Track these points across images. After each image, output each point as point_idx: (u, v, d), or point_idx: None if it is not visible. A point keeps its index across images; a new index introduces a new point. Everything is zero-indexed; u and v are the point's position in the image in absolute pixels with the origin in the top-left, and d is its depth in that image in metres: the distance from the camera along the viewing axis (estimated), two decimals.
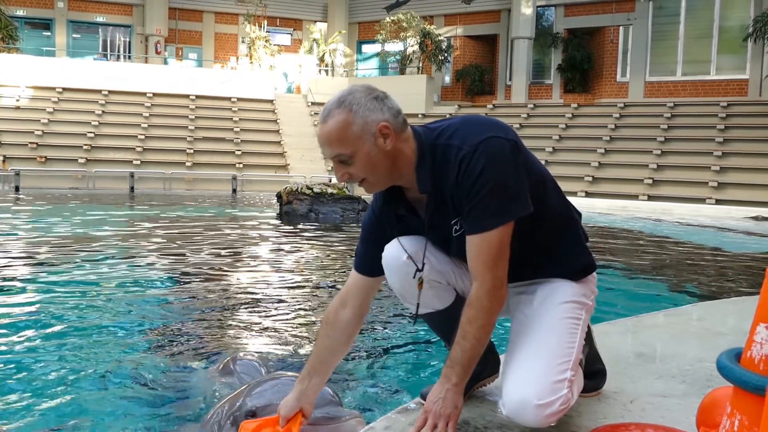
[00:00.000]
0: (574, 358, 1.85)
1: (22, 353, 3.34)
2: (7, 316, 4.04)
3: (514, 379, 1.81)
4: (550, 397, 1.75)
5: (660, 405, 2.14)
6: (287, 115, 22.55)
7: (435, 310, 2.02)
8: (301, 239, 8.91)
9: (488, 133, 1.77)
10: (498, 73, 24.91)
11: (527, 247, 1.87)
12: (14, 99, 20.53)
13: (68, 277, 5.48)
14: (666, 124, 18.97)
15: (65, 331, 3.82)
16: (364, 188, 1.84)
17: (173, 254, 7.04)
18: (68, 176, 17.90)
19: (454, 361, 1.82)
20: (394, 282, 1.97)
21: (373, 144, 1.76)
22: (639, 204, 15.17)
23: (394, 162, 1.80)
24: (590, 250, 2.03)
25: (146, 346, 3.57)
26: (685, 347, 2.89)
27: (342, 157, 1.77)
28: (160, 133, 20.51)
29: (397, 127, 1.79)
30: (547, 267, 1.96)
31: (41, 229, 8.89)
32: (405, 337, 3.73)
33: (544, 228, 1.90)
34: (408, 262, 1.92)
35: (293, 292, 5.23)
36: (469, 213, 1.77)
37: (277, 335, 3.86)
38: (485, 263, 1.77)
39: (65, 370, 3.11)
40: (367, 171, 1.79)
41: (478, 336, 1.80)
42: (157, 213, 11.97)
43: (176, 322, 4.12)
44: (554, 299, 1.91)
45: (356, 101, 1.76)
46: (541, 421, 1.77)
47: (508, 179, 1.75)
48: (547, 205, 1.90)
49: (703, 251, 8.89)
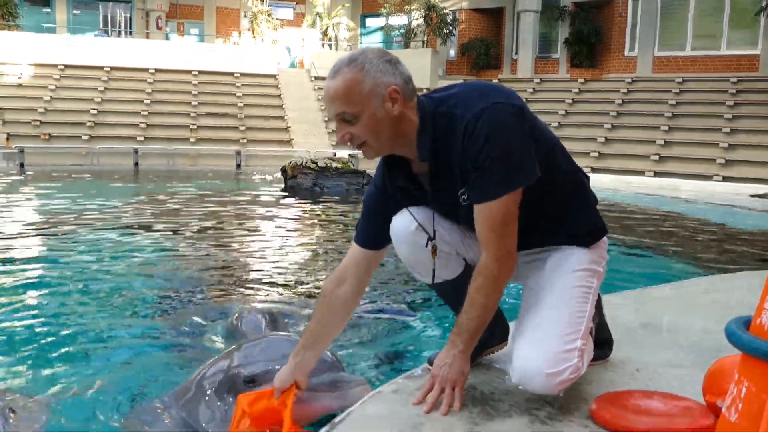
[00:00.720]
0: (585, 327, 1.84)
1: (33, 319, 3.37)
2: (21, 287, 4.06)
3: (525, 348, 1.80)
4: (560, 366, 1.75)
5: (667, 374, 2.14)
6: (290, 90, 22.42)
7: (444, 280, 2.00)
8: (305, 213, 8.91)
9: (492, 100, 1.73)
10: (504, 47, 24.65)
11: (536, 213, 1.85)
12: (16, 77, 20.43)
13: (77, 248, 5.53)
14: (674, 100, 18.79)
15: (75, 296, 3.86)
16: (363, 152, 1.81)
17: (179, 227, 7.04)
18: (72, 153, 17.86)
19: (461, 328, 1.81)
20: (403, 252, 1.95)
21: (381, 107, 1.73)
22: (645, 180, 15.09)
23: (398, 128, 1.77)
24: (599, 214, 2.00)
25: (152, 310, 3.60)
26: (692, 319, 2.88)
27: (346, 116, 1.74)
28: (163, 109, 20.43)
29: (407, 93, 1.77)
30: (557, 233, 1.94)
31: (48, 204, 8.91)
32: (411, 304, 3.73)
33: (553, 194, 1.88)
34: (418, 232, 1.90)
35: (297, 262, 5.25)
36: (475, 182, 1.75)
37: (279, 298, 3.90)
38: (493, 232, 1.75)
39: (77, 333, 3.16)
40: (370, 134, 1.76)
41: (486, 304, 1.79)
42: (162, 188, 11.98)
43: (182, 287, 4.17)
44: (565, 267, 1.90)
45: (368, 61, 1.73)
46: (550, 389, 1.77)
47: (514, 147, 1.72)
48: (556, 171, 1.87)
49: (709, 227, 8.86)
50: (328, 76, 1.76)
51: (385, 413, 1.77)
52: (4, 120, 18.58)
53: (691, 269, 5.47)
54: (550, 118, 18.32)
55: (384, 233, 1.94)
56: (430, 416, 1.73)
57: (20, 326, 3.25)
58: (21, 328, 3.23)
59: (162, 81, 21.71)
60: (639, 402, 1.80)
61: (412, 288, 4.20)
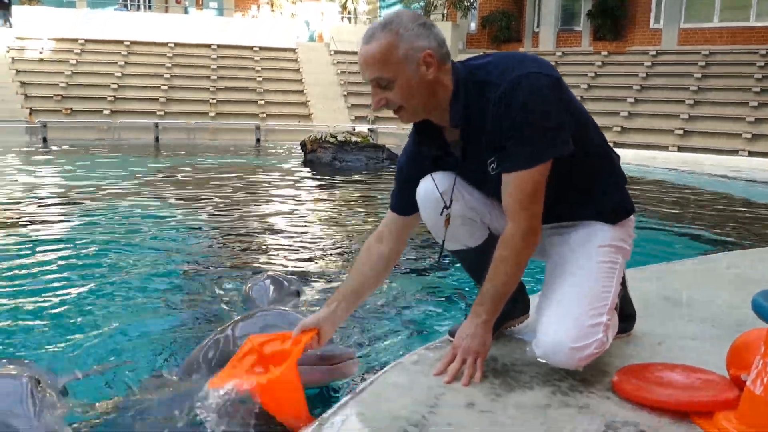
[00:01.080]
0: (610, 302, 1.83)
1: (53, 292, 3.42)
2: (42, 260, 4.12)
3: (550, 321, 1.79)
4: (585, 341, 1.74)
5: (689, 347, 2.13)
6: (310, 64, 22.31)
7: (467, 247, 2.00)
8: (325, 187, 8.93)
9: (528, 69, 1.71)
10: (525, 20, 24.27)
11: (564, 186, 1.84)
12: (38, 51, 20.55)
13: (99, 221, 5.60)
14: (700, 73, 18.41)
15: (95, 269, 3.92)
16: (399, 117, 1.81)
17: (198, 201, 7.09)
18: (94, 127, 18.00)
19: (484, 298, 1.81)
20: (426, 217, 1.97)
21: (416, 71, 1.73)
22: (669, 155, 14.87)
23: (433, 92, 1.77)
24: (628, 192, 1.98)
25: (171, 281, 3.65)
26: (715, 293, 2.85)
27: (381, 81, 1.74)
28: (183, 84, 20.47)
29: (441, 57, 1.76)
30: (585, 206, 1.92)
31: (71, 178, 9.01)
32: (432, 279, 3.74)
33: (582, 167, 1.86)
34: (442, 199, 1.91)
35: (314, 235, 5.27)
36: (507, 151, 1.74)
37: (295, 269, 3.94)
38: (521, 202, 1.74)
39: (96, 304, 3.22)
40: (405, 98, 1.75)
41: (509, 274, 1.78)
42: (182, 162, 12.04)
43: (201, 260, 4.22)
44: (592, 242, 1.89)
45: (403, 25, 1.73)
46: (574, 363, 1.77)
47: (549, 118, 1.70)
48: (588, 144, 1.86)
49: (733, 202, 8.73)
50: (363, 40, 1.75)
51: (406, 383, 1.78)
52: (26, 95, 18.74)
53: (714, 244, 5.42)
54: (572, 91, 18.05)
55: (414, 201, 1.96)
56: (450, 387, 1.74)
57: (40, 298, 3.30)
58: (41, 300, 3.28)
59: (181, 55, 21.72)
60: (661, 374, 1.79)
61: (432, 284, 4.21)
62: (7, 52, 20.11)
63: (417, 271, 3.98)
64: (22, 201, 6.85)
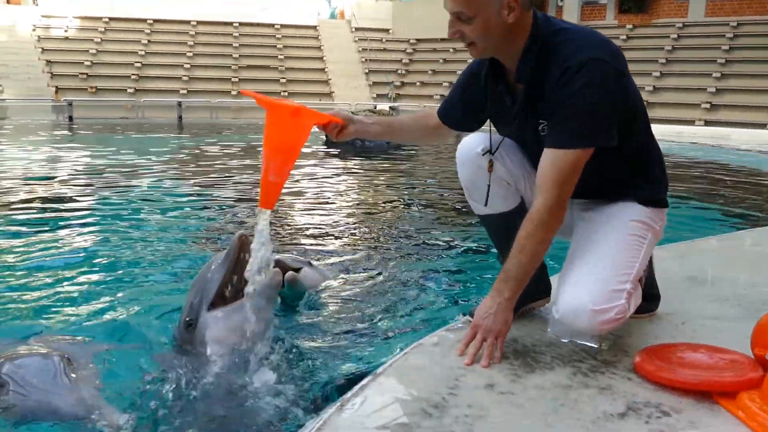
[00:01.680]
0: (635, 272, 1.84)
1: (77, 268, 3.48)
2: (63, 237, 4.20)
3: (573, 283, 1.80)
4: (607, 304, 1.75)
5: (712, 327, 2.12)
6: (331, 42, 22.22)
7: (497, 212, 2.03)
8: (346, 166, 8.93)
9: (601, 54, 1.73)
10: None
11: (600, 169, 1.85)
12: (62, 30, 20.73)
13: (125, 198, 5.67)
14: (728, 45, 18.01)
15: (121, 243, 3.98)
16: (469, 50, 1.84)
17: (221, 180, 7.15)
18: (118, 106, 18.17)
19: (508, 275, 1.81)
20: (463, 173, 2.03)
21: (497, 12, 1.74)
22: (695, 129, 14.65)
23: (508, 37, 1.79)
24: (665, 190, 1.99)
25: (192, 259, 3.69)
26: (738, 271, 2.83)
27: (462, 15, 1.76)
28: (205, 62, 20.52)
29: (524, 3, 1.77)
30: (618, 192, 1.95)
31: (96, 156, 9.12)
32: (453, 261, 3.74)
33: (621, 158, 1.88)
34: (480, 155, 1.97)
35: (335, 214, 5.28)
36: (555, 125, 1.76)
37: (315, 247, 3.97)
38: (556, 180, 1.75)
39: (121, 280, 3.28)
40: (481, 36, 1.78)
41: (536, 251, 1.79)
42: (205, 141, 12.11)
43: (222, 236, 4.25)
44: (622, 216, 1.91)
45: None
46: (594, 327, 1.77)
47: (603, 108, 1.73)
48: (632, 137, 1.87)
49: (760, 177, 8.58)
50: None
51: (426, 365, 1.79)
52: (52, 73, 18.93)
53: (740, 220, 5.34)
54: None
55: (452, 115, 2.13)
56: (471, 368, 1.75)
57: (66, 274, 3.36)
58: (66, 276, 3.33)
59: (203, 33, 21.76)
60: (684, 355, 1.78)
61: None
62: (33, 31, 20.31)
63: (438, 251, 3.98)
64: (48, 178, 6.96)
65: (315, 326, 2.57)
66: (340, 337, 2.45)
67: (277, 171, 2.00)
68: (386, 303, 2.85)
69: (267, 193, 2.05)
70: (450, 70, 20.65)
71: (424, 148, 10.76)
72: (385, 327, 2.57)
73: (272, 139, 1.99)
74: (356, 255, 3.81)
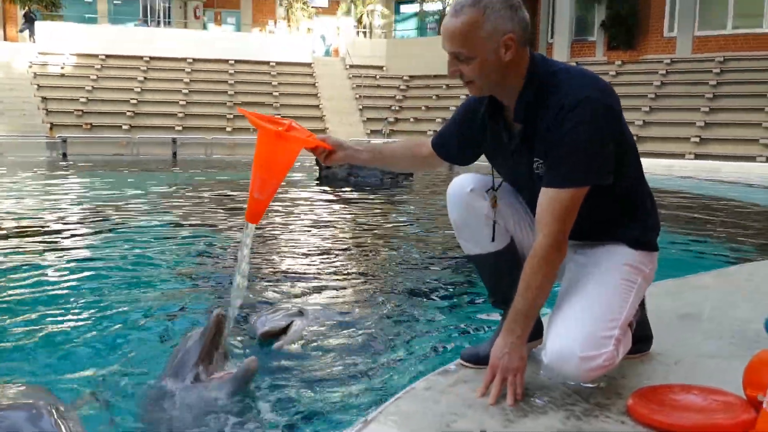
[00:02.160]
0: (624, 318, 1.83)
1: (66, 305, 3.45)
2: (59, 277, 4.17)
3: (560, 329, 1.80)
4: (595, 351, 1.74)
5: (706, 366, 2.11)
6: (325, 79, 22.45)
7: (487, 252, 2.03)
8: (339, 203, 8.94)
9: (594, 93, 1.76)
10: (539, 31, 24.26)
11: (591, 214, 1.86)
12: (59, 66, 20.89)
13: (117, 235, 5.65)
14: (715, 80, 18.30)
15: (110, 282, 3.95)
16: (468, 89, 1.87)
17: (213, 215, 7.14)
18: (113, 142, 18.23)
19: (517, 313, 1.82)
20: (454, 213, 2.04)
21: (495, 51, 1.77)
22: (685, 163, 14.77)
23: (506, 75, 1.81)
24: (655, 234, 2.00)
25: (182, 298, 3.66)
26: (732, 308, 2.82)
27: (460, 55, 1.79)
28: (201, 99, 20.68)
29: (521, 41, 1.80)
30: (608, 233, 1.96)
31: (87, 193, 9.11)
32: (445, 300, 3.73)
33: (608, 196, 1.89)
34: (472, 194, 1.98)
35: (328, 251, 5.26)
36: (551, 165, 1.78)
37: (307, 284, 3.93)
38: (555, 217, 1.77)
39: (102, 311, 3.25)
40: (479, 75, 1.80)
41: (542, 286, 1.80)
42: (199, 177, 12.14)
43: (213, 276, 4.22)
44: (611, 260, 1.91)
45: (491, 4, 1.75)
46: (581, 375, 1.76)
47: (598, 145, 1.75)
48: (623, 176, 1.88)
49: (750, 211, 8.63)
50: (449, 12, 1.79)
51: (419, 410, 1.77)
52: (47, 110, 19.02)
53: (732, 254, 5.35)
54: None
55: (447, 148, 2.12)
56: (463, 413, 1.73)
57: (50, 315, 3.31)
58: (51, 316, 3.28)
59: (199, 70, 21.97)
60: (677, 396, 1.77)
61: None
62: (29, 68, 20.46)
63: (430, 289, 3.96)
64: (39, 215, 6.94)
65: (304, 372, 2.54)
66: (329, 383, 2.42)
67: (262, 188, 2.05)
68: (377, 347, 2.82)
69: (252, 209, 2.11)
70: (443, 106, 20.87)
71: (418, 184, 10.80)
72: (376, 372, 2.54)
73: (260, 157, 2.04)
74: (347, 295, 3.80)
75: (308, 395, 2.31)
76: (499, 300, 2.13)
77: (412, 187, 10.70)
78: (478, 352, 2.05)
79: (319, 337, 2.93)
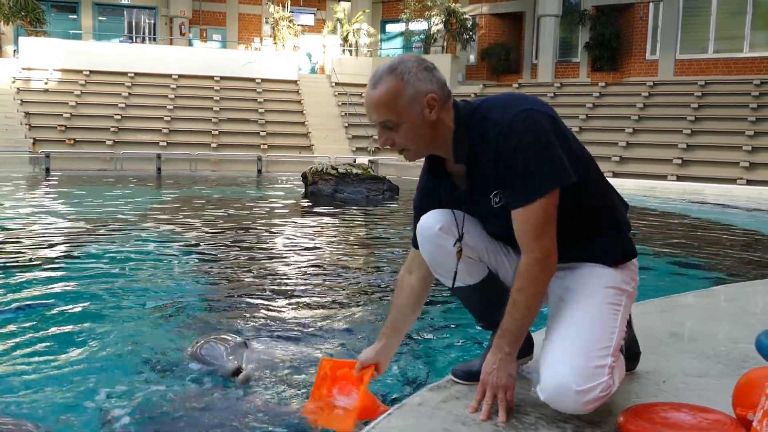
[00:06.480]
0: (615, 343, 1.82)
1: (50, 325, 3.40)
2: (43, 295, 4.11)
3: (553, 364, 1.78)
4: (591, 383, 1.73)
5: (695, 385, 2.12)
6: (311, 96, 22.51)
7: (466, 285, 2.02)
8: (325, 219, 8.93)
9: (525, 106, 1.78)
10: (524, 52, 24.54)
11: (565, 228, 1.84)
12: (43, 82, 20.75)
13: (99, 252, 5.58)
14: (697, 103, 18.57)
15: (90, 303, 3.89)
16: (404, 156, 1.89)
17: (198, 233, 7.10)
18: (96, 158, 18.10)
19: (505, 331, 1.83)
20: (426, 252, 2.00)
21: (420, 113, 1.80)
22: (668, 185, 14.93)
23: (436, 131, 1.84)
24: (631, 238, 1.99)
25: (155, 321, 3.61)
26: (718, 327, 2.84)
27: (388, 123, 1.82)
28: (186, 115, 20.62)
29: (443, 98, 1.83)
30: (585, 250, 1.94)
31: (72, 209, 9.02)
32: (433, 319, 3.72)
33: (581, 212, 1.89)
34: (441, 234, 1.94)
35: (313, 268, 5.24)
36: (511, 186, 1.78)
37: (292, 301, 3.89)
38: (532, 235, 1.77)
39: (84, 336, 3.19)
40: (410, 140, 1.84)
41: (529, 304, 1.80)
42: (183, 194, 12.08)
43: (190, 295, 4.18)
44: (594, 284, 1.89)
45: (408, 70, 1.80)
46: (580, 408, 1.74)
47: (547, 150, 1.75)
48: (588, 188, 1.88)
49: (733, 232, 8.74)
50: (369, 84, 1.84)
51: (411, 426, 1.76)
52: (30, 125, 18.86)
53: (716, 276, 5.40)
54: (571, 122, 18.19)
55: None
56: (455, 429, 1.72)
57: (26, 326, 3.27)
58: (26, 327, 3.25)
59: (184, 87, 21.92)
60: (668, 415, 1.77)
61: None
62: (12, 83, 20.31)
63: None
64: (20, 231, 6.86)
65: (291, 389, 2.52)
66: None
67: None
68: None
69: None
70: None
71: (403, 201, 10.83)
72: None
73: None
74: (335, 310, 3.78)
75: (295, 414, 2.28)
76: (486, 325, 2.14)
77: (398, 204, 10.73)
78: (470, 368, 2.05)
79: (306, 356, 2.91)
